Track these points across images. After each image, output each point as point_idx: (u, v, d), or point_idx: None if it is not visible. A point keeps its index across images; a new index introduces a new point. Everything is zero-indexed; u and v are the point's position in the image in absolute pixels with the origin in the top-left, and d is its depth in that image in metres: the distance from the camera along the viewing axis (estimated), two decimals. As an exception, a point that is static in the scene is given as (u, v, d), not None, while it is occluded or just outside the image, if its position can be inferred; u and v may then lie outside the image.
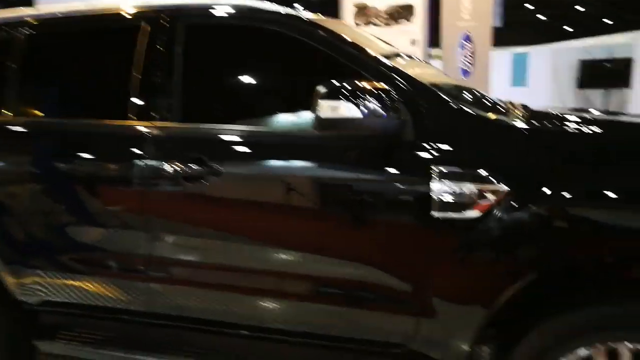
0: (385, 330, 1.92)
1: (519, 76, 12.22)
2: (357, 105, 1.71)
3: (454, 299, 1.79)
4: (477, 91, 2.36)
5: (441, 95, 1.90)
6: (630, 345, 1.68)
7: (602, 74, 9.53)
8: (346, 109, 1.70)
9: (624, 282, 1.92)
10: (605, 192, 1.66)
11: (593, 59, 9.87)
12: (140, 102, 2.11)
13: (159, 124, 2.08)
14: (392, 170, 1.81)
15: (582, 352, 1.71)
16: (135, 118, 2.11)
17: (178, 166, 1.98)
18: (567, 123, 1.97)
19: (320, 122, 1.76)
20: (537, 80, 11.77)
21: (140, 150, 2.04)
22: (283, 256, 1.98)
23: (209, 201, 2.03)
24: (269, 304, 2.02)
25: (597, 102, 9.59)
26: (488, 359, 1.96)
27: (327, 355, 2.05)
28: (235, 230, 2.04)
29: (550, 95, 10.53)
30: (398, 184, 1.81)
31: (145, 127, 2.07)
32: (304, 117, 1.93)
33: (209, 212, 2.07)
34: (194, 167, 1.97)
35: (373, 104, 1.73)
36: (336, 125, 1.76)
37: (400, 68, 1.95)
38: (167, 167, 1.99)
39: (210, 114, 2.16)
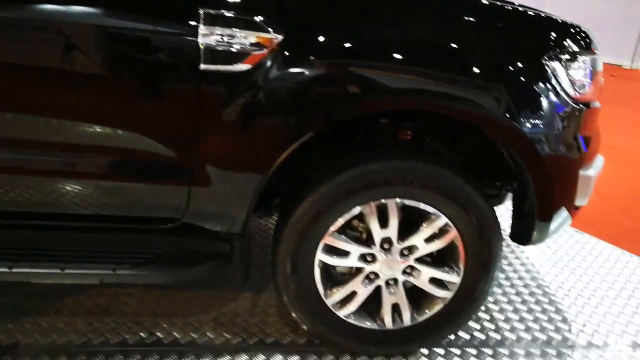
0: (158, 204, 1.71)
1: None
2: None
3: (227, 165, 1.62)
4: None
5: None
6: (398, 201, 1.74)
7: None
8: None
9: (397, 141, 1.97)
10: (383, 47, 1.58)
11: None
12: None
13: None
14: (151, 12, 1.50)
15: (356, 210, 1.74)
16: None
17: None
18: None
19: None
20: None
21: None
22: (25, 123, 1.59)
23: None
24: (35, 185, 1.66)
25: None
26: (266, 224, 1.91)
27: (103, 239, 1.79)
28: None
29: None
30: (159, 29, 1.50)
31: None
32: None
33: None
34: None
35: None
36: None
37: None
38: None
39: None
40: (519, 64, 1.64)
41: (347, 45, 1.55)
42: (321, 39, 1.54)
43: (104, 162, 1.66)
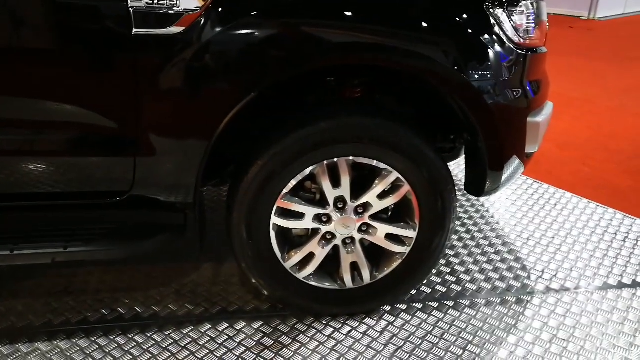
0: (106, 177, 1.66)
1: None
2: None
3: (170, 132, 1.58)
4: None
5: None
6: (349, 159, 1.72)
7: None
8: None
9: (345, 99, 1.94)
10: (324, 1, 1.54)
11: None
12: None
13: None
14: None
15: (307, 171, 1.72)
16: None
17: None
18: None
19: None
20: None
21: None
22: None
23: None
24: None
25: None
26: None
27: (53, 217, 1.74)
28: None
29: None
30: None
31: None
32: None
33: None
34: None
35: None
36: None
37: None
38: None
39: None
40: (461, 13, 1.62)
41: (284, 0, 1.51)
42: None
43: (45, 137, 1.60)
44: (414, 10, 1.60)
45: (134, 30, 1.44)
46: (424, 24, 1.60)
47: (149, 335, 1.87)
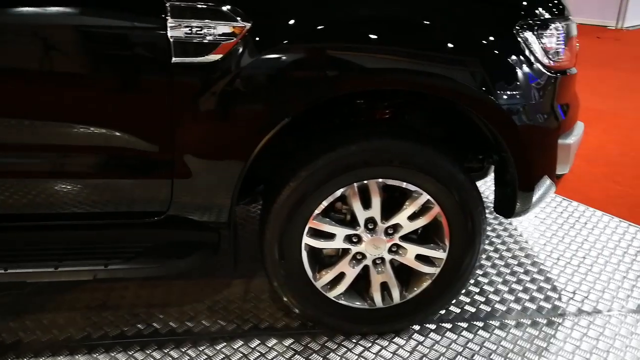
0: (144, 198, 1.72)
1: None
2: None
3: (207, 155, 1.64)
4: None
5: None
6: (380, 181, 1.75)
7: None
8: None
9: (374, 121, 1.98)
10: (354, 26, 1.58)
11: None
12: None
13: None
14: (119, 8, 1.50)
15: (339, 192, 1.76)
16: None
17: None
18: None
19: None
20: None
21: None
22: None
23: None
24: (24, 187, 1.69)
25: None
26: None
27: (94, 235, 1.82)
28: None
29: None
30: (128, 25, 1.51)
31: None
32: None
33: None
34: None
35: None
36: None
37: None
38: None
39: None
40: (490, 36, 1.64)
41: (318, 27, 1.56)
42: (291, 22, 1.54)
43: (87, 160, 1.68)
44: (444, 35, 1.63)
45: (174, 59, 1.50)
46: (454, 48, 1.63)
47: (183, 350, 1.92)
